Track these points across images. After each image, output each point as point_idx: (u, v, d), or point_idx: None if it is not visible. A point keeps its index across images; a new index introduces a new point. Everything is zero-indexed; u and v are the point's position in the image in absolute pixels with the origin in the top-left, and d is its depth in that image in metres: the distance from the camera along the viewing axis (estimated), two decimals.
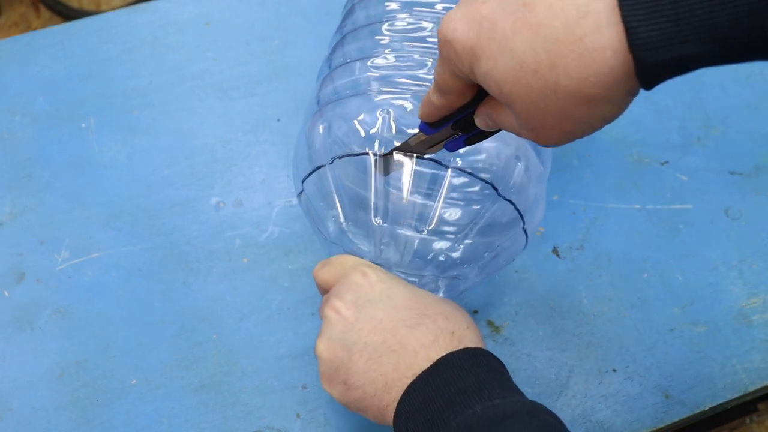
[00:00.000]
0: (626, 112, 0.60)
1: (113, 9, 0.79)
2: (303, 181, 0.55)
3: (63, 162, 0.69)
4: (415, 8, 0.54)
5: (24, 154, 0.69)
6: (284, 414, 0.57)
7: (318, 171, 0.53)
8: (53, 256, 0.64)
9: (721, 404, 0.58)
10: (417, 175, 0.51)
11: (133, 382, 0.59)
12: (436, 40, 0.52)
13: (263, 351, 0.60)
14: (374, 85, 0.52)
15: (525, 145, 0.52)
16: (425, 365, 0.43)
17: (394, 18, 0.54)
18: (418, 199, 0.51)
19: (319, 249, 0.64)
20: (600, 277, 0.63)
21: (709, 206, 0.67)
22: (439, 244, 0.52)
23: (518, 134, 0.39)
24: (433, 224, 0.51)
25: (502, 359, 0.58)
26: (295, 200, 0.67)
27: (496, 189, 0.50)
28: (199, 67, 0.74)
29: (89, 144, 0.70)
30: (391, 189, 0.51)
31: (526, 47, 0.33)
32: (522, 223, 0.52)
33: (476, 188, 0.51)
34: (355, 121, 0.52)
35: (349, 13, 0.59)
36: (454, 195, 0.51)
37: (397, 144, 0.50)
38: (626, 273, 0.64)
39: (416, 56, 0.52)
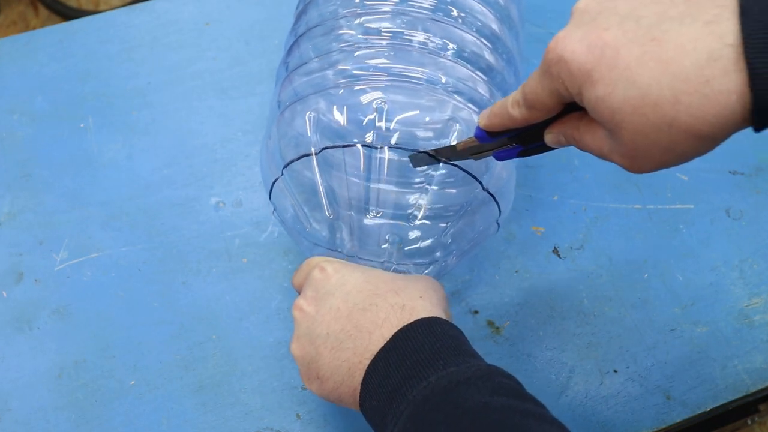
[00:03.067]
0: None
1: (112, 8, 0.79)
2: (269, 197, 0.55)
3: (62, 162, 0.68)
4: (366, 1, 0.54)
5: (23, 154, 0.69)
6: (284, 414, 0.57)
7: (281, 178, 0.53)
8: (52, 256, 0.64)
9: (722, 405, 0.58)
10: (370, 162, 0.51)
11: (132, 382, 0.58)
12: (391, 28, 0.53)
13: (263, 351, 0.60)
14: (332, 81, 0.52)
15: (462, 108, 0.52)
16: (381, 344, 0.44)
17: (348, 13, 0.54)
18: (382, 186, 0.52)
19: None
20: (600, 277, 0.63)
21: (709, 206, 0.67)
22: (413, 232, 0.52)
23: (603, 157, 0.40)
24: (384, 207, 0.51)
25: (502, 359, 0.58)
26: None
27: (432, 155, 0.49)
28: (199, 67, 0.74)
29: (88, 144, 0.69)
30: (350, 178, 0.51)
31: (651, 80, 0.34)
32: (479, 185, 0.51)
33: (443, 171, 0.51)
34: (307, 117, 0.51)
35: (302, 13, 0.59)
36: (417, 179, 0.52)
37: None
38: (627, 273, 0.63)
39: (372, 47, 0.52)
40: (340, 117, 0.51)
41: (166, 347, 0.60)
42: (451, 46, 0.53)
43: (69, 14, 1.53)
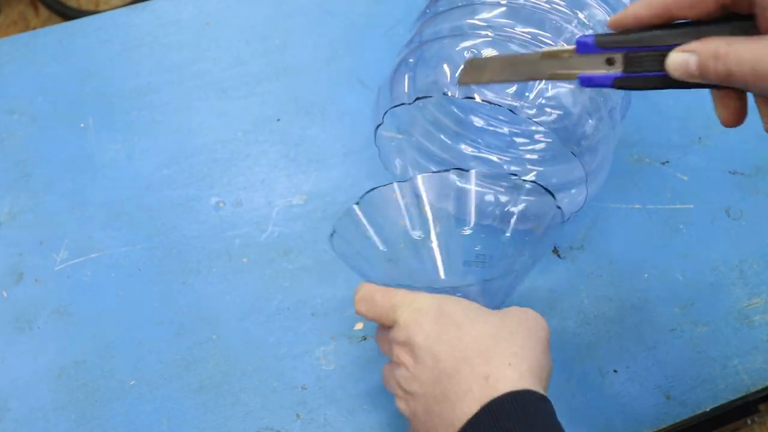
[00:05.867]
0: (627, 112, 0.59)
1: (112, 8, 0.79)
2: (376, 131, 0.57)
3: (62, 162, 0.68)
4: None
5: (23, 154, 0.69)
6: (284, 414, 0.57)
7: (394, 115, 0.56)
8: (52, 256, 0.64)
9: (722, 405, 0.58)
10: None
11: (132, 382, 0.58)
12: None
13: (263, 351, 0.60)
14: (467, 30, 0.53)
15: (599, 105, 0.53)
16: (464, 418, 0.42)
17: None
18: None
19: (318, 249, 0.64)
20: (600, 277, 0.63)
21: (709, 206, 0.67)
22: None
23: (760, 79, 0.33)
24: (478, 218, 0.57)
25: None
26: (294, 200, 0.66)
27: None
28: (199, 67, 0.74)
29: (88, 144, 0.69)
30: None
31: None
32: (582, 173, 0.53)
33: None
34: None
35: None
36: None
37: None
38: (627, 273, 0.63)
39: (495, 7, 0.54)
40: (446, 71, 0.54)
41: (166, 347, 0.60)
42: (581, 15, 0.53)
43: (69, 14, 1.53)
